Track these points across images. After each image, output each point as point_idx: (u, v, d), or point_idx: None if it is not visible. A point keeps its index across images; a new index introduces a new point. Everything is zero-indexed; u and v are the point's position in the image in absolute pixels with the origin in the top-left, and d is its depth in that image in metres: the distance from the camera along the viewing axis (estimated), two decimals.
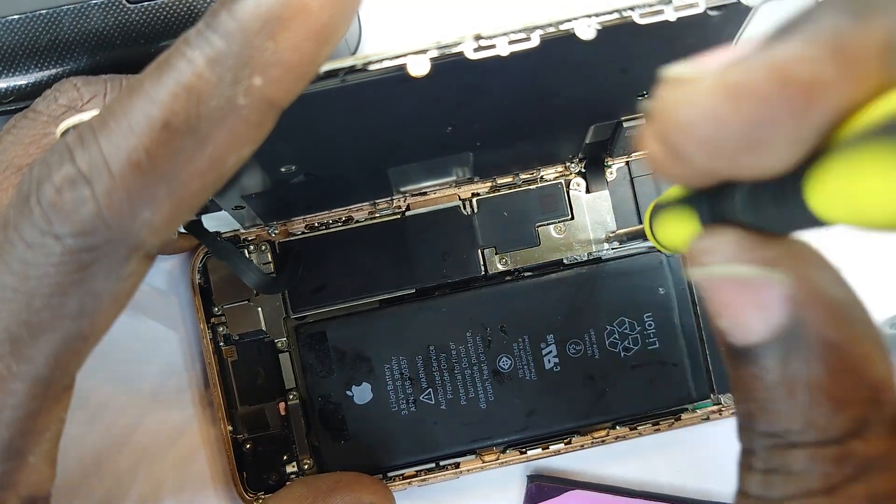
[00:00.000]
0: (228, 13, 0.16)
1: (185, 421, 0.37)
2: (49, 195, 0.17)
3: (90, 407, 0.36)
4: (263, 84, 0.17)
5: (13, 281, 0.18)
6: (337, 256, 0.36)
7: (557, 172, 0.36)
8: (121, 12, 0.30)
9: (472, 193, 0.36)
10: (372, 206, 0.36)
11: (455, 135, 0.28)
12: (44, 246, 0.17)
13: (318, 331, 0.35)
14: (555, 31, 0.20)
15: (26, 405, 0.19)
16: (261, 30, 0.16)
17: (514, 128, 0.30)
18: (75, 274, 0.18)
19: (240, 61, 0.16)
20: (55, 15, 0.29)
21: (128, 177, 0.17)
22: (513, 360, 0.35)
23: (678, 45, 0.24)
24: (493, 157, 0.33)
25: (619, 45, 0.23)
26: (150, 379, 0.37)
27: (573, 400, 0.35)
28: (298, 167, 0.27)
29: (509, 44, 0.20)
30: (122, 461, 0.36)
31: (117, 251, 0.18)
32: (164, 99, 0.17)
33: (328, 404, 0.35)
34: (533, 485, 0.36)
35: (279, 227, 0.35)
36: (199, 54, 0.17)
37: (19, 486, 0.20)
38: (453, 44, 0.20)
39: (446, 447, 0.35)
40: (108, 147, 0.17)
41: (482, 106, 0.26)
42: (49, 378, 0.19)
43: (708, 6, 0.21)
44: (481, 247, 0.36)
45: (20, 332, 0.18)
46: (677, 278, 0.36)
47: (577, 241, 0.36)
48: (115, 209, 0.17)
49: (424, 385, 0.35)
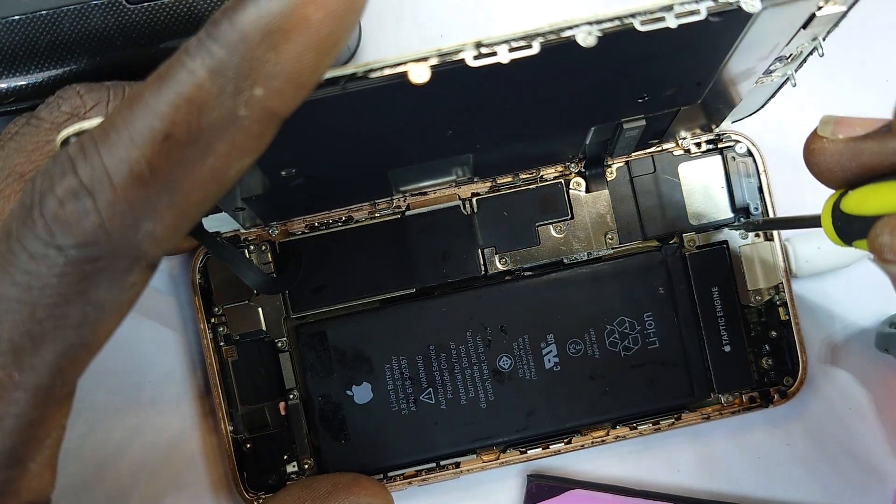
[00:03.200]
0: (230, 23, 0.16)
1: (185, 422, 0.37)
2: (52, 207, 0.17)
3: (90, 410, 0.36)
4: (265, 95, 0.17)
5: (16, 291, 0.18)
6: (337, 256, 0.36)
7: (557, 172, 0.36)
8: (121, 13, 0.30)
9: (472, 193, 0.36)
10: (372, 206, 0.36)
11: (455, 138, 0.28)
12: (47, 257, 0.17)
13: (318, 331, 0.35)
14: (555, 38, 0.20)
15: (28, 413, 0.19)
16: (262, 41, 0.16)
17: (514, 131, 0.30)
18: (78, 284, 0.18)
19: (241, 72, 0.16)
20: (56, 16, 0.29)
21: (129, 188, 0.17)
22: (513, 359, 0.35)
23: (678, 51, 0.24)
24: (493, 157, 0.33)
25: (620, 51, 0.23)
26: (151, 380, 0.37)
27: (573, 399, 0.35)
28: (299, 170, 0.27)
29: (510, 51, 0.20)
30: (124, 461, 0.36)
31: (119, 262, 0.18)
32: (166, 110, 0.17)
33: (328, 404, 0.35)
34: (533, 484, 0.37)
35: (279, 227, 0.35)
36: (199, 65, 0.16)
37: (20, 492, 0.20)
38: (454, 51, 0.20)
39: (446, 447, 0.35)
40: (110, 159, 0.17)
41: (482, 111, 0.26)
42: (51, 386, 0.19)
43: (709, 13, 0.21)
44: (481, 246, 0.36)
45: (23, 341, 0.18)
46: (677, 277, 0.36)
47: (577, 240, 0.36)
48: (118, 221, 0.17)
49: (425, 385, 0.35)
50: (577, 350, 0.35)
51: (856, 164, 0.24)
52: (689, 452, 0.38)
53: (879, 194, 0.23)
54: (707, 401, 0.36)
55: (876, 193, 0.23)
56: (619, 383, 0.35)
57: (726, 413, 0.36)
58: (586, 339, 0.35)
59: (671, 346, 0.36)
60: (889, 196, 0.23)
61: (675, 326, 0.36)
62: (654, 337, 0.36)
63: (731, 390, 0.36)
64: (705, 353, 0.36)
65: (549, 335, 0.35)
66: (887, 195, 0.23)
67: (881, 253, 0.20)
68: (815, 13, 0.24)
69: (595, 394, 0.35)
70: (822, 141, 0.25)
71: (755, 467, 0.38)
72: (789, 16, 0.23)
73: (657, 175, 0.36)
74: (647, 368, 0.35)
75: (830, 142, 0.24)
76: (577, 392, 0.35)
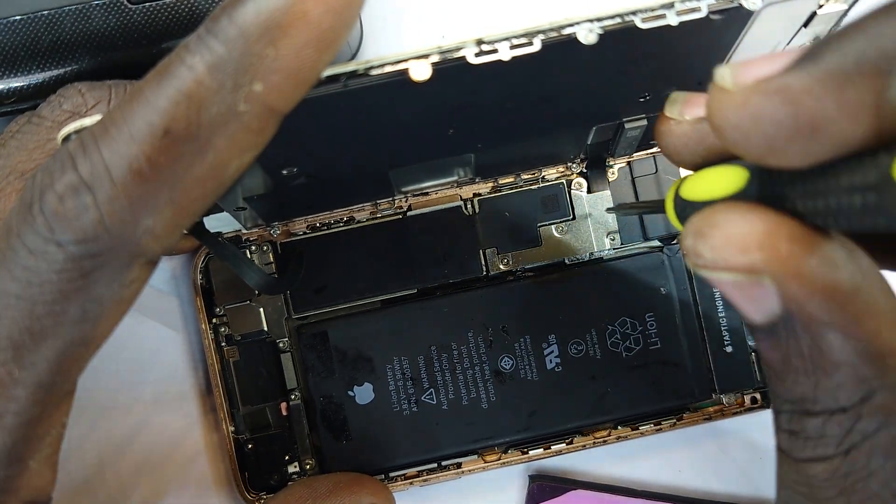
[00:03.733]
0: (229, 19, 0.16)
1: (186, 422, 0.37)
2: (51, 203, 0.17)
3: (91, 409, 0.36)
4: (264, 91, 0.17)
5: (16, 287, 0.18)
6: (338, 257, 0.36)
7: (559, 172, 0.36)
8: (122, 13, 0.30)
9: (474, 193, 0.36)
10: (373, 207, 0.36)
11: (457, 137, 0.28)
12: (46, 253, 0.17)
13: (319, 331, 0.35)
14: (556, 35, 0.20)
15: (28, 411, 0.19)
16: (262, 36, 0.16)
17: (515, 130, 0.30)
18: (78, 281, 0.18)
19: (240, 68, 0.16)
20: (57, 16, 0.29)
21: (129, 184, 0.17)
22: (514, 360, 0.35)
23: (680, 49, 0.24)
24: (495, 157, 0.33)
25: (621, 49, 0.23)
26: (152, 380, 0.37)
27: (575, 400, 0.35)
28: (300, 169, 0.27)
29: (511, 48, 0.20)
30: (125, 463, 0.36)
31: (119, 258, 0.18)
32: (165, 106, 0.17)
33: (330, 404, 0.35)
34: (535, 485, 0.36)
35: (281, 227, 0.35)
36: (199, 61, 0.17)
37: (20, 490, 0.20)
38: (455, 48, 0.20)
39: (448, 447, 0.35)
40: (110, 155, 0.17)
41: (484, 109, 0.26)
42: (51, 384, 0.19)
43: (710, 10, 0.21)
44: (483, 247, 0.36)
45: (22, 338, 0.18)
46: (679, 278, 0.36)
47: (578, 241, 0.36)
48: (117, 216, 0.17)
49: (426, 385, 0.35)
50: (579, 350, 0.35)
51: (703, 147, 0.22)
52: (691, 453, 0.38)
53: (705, 180, 0.21)
54: (709, 401, 0.36)
55: (705, 178, 0.21)
56: (620, 384, 0.35)
57: (728, 414, 0.36)
58: (588, 340, 0.35)
59: (673, 346, 0.35)
60: (712, 181, 0.20)
61: (677, 327, 0.36)
62: (656, 337, 0.36)
63: (733, 391, 0.36)
64: (707, 354, 0.36)
65: (550, 335, 0.35)
66: (712, 180, 0.20)
67: (686, 255, 0.19)
68: (816, 11, 0.24)
69: (596, 394, 0.35)
70: (670, 122, 0.22)
71: (757, 468, 0.37)
72: (790, 14, 0.23)
73: (659, 176, 0.36)
74: (648, 369, 0.35)
75: (677, 123, 0.22)
76: (579, 392, 0.35)
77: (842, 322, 0.16)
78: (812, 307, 0.16)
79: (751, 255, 0.16)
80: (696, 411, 0.36)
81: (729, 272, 0.17)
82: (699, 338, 0.36)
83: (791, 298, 0.16)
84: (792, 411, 0.18)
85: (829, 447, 0.17)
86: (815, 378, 0.17)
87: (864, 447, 0.17)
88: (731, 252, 0.17)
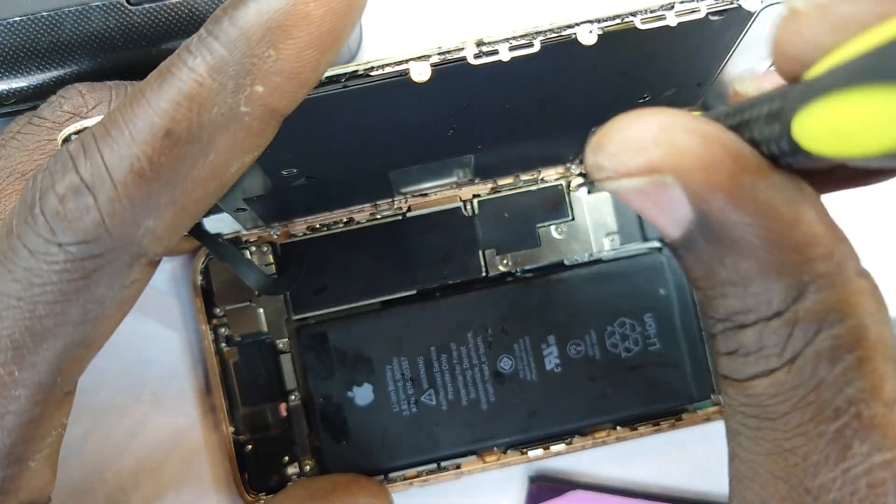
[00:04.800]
0: (230, 20, 0.16)
1: (186, 422, 0.37)
2: (52, 204, 0.17)
3: (91, 409, 0.36)
4: (265, 92, 0.17)
5: (17, 288, 0.18)
6: (338, 258, 0.36)
7: (559, 173, 0.36)
8: (122, 14, 0.30)
9: (473, 194, 0.36)
10: (373, 208, 0.36)
11: (456, 138, 0.28)
12: (47, 254, 0.17)
13: (319, 332, 0.35)
14: (556, 36, 0.20)
15: (28, 411, 0.19)
16: (263, 38, 0.16)
17: (515, 131, 0.30)
18: (78, 281, 0.18)
19: (241, 69, 0.16)
20: (56, 17, 0.29)
21: (130, 185, 0.17)
22: (514, 360, 0.35)
23: (679, 50, 0.24)
24: (494, 158, 0.33)
25: (621, 50, 0.23)
26: (152, 381, 0.37)
27: (574, 400, 0.35)
28: (300, 170, 0.27)
29: (511, 49, 0.20)
30: (125, 463, 0.36)
31: (120, 259, 0.18)
32: (166, 107, 0.17)
33: (329, 405, 0.35)
34: (534, 485, 0.36)
35: (281, 228, 0.35)
36: (200, 62, 0.17)
37: (20, 491, 0.20)
38: (455, 49, 0.20)
39: (447, 448, 0.35)
40: (110, 156, 0.17)
41: (484, 110, 0.26)
42: (51, 384, 0.19)
43: (709, 11, 0.21)
44: (482, 248, 0.36)
45: (23, 338, 0.18)
46: (678, 279, 0.36)
47: (578, 241, 0.36)
48: (118, 218, 0.17)
49: (426, 386, 0.35)
50: (578, 351, 0.35)
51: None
52: (691, 453, 0.38)
53: None
54: (708, 402, 0.36)
55: None
56: (619, 384, 0.35)
57: None
58: (587, 341, 0.35)
59: (672, 347, 0.36)
60: None
61: (676, 328, 0.36)
62: (655, 338, 0.36)
63: None
64: (706, 354, 0.36)
65: (549, 336, 0.35)
66: None
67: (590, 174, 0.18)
68: None
69: (596, 395, 0.35)
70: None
71: None
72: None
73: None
74: (647, 369, 0.35)
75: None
76: (578, 393, 0.35)
77: (754, 211, 0.16)
78: (719, 202, 0.16)
79: (647, 152, 0.16)
80: (695, 412, 0.36)
81: (630, 178, 0.16)
82: (698, 338, 0.36)
83: (697, 195, 0.16)
84: (726, 329, 0.17)
85: (772, 359, 0.17)
86: (742, 285, 0.16)
87: (807, 353, 0.16)
88: (628, 154, 0.16)
